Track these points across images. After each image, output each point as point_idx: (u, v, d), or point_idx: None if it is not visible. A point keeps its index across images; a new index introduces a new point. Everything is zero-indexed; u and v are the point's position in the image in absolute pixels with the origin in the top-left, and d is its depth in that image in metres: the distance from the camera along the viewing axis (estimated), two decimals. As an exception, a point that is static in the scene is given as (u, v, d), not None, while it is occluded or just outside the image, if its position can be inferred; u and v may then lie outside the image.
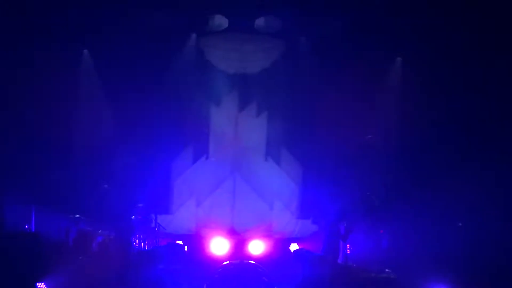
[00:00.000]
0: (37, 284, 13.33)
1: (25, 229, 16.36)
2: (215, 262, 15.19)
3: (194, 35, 19.20)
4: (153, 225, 17.34)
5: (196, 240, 18.64)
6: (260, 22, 18.98)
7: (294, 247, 17.83)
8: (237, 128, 19.64)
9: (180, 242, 17.04)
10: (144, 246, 16.55)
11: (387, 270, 15.97)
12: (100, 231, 16.23)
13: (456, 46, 17.19)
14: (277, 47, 19.52)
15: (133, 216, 15.97)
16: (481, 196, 16.57)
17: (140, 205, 17.08)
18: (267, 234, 18.87)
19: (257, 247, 18.46)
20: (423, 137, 17.93)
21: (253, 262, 13.50)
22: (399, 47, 18.08)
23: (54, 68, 17.44)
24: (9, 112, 17.07)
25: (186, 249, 16.84)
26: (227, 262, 13.41)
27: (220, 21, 19.07)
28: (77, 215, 16.75)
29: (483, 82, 17.11)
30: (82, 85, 18.85)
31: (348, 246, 14.31)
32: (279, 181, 19.54)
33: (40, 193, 16.80)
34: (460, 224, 16.89)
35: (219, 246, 18.59)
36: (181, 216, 19.43)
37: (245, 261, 13.35)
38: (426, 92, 17.76)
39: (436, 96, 17.71)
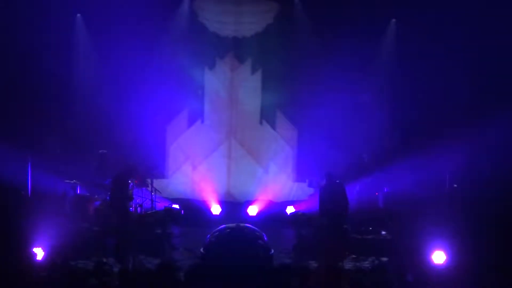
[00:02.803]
0: (34, 249, 13.39)
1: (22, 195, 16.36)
2: (211, 225, 15.24)
3: (187, -2, 19.12)
4: (149, 189, 17.36)
5: (192, 204, 18.75)
6: (254, -16, 18.92)
7: (290, 209, 17.92)
8: (232, 91, 19.61)
9: (176, 206, 17.07)
10: (141, 211, 16.57)
11: (383, 232, 16.05)
12: (96, 196, 16.23)
13: (452, 5, 17.09)
14: (271, 9, 19.38)
15: (131, 182, 15.92)
16: (476, 155, 16.65)
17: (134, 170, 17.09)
18: (263, 197, 18.97)
19: (253, 210, 18.58)
20: (416, 99, 17.92)
21: (250, 225, 13.58)
22: (394, 8, 17.96)
23: (49, 32, 17.34)
24: (6, 79, 16.99)
25: (182, 213, 16.86)
26: (224, 225, 13.49)
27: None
28: (74, 180, 16.73)
29: (479, 42, 17.05)
30: (76, 50, 18.74)
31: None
32: (274, 145, 19.59)
33: (36, 158, 16.78)
34: (455, 185, 16.93)
35: (215, 210, 18.71)
36: (177, 181, 19.52)
37: (242, 225, 13.42)
38: (420, 53, 17.74)
39: (431, 58, 17.66)
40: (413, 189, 16.92)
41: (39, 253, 12.93)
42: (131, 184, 15.20)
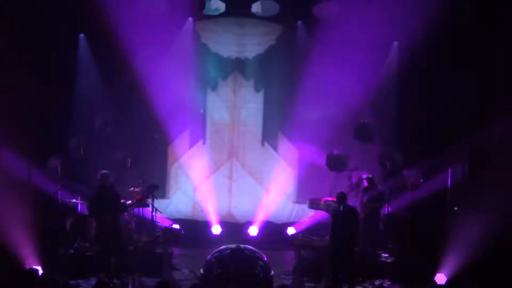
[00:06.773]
0: (34, 266, 13.40)
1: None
2: (212, 246, 15.19)
3: (190, 19, 19.13)
4: (149, 208, 17.32)
5: (193, 225, 18.70)
6: (256, 6, 18.98)
7: (291, 231, 17.86)
8: (234, 112, 19.64)
9: (177, 226, 17.02)
10: (142, 230, 16.50)
11: (383, 254, 15.97)
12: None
13: (453, 28, 17.13)
14: (273, 31, 19.49)
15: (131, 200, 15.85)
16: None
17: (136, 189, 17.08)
18: (263, 218, 18.93)
19: (253, 231, 18.53)
20: (419, 123, 17.92)
21: (250, 246, 13.54)
22: (396, 31, 17.97)
23: (52, 52, 17.36)
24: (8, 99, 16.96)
25: (183, 233, 16.80)
26: (224, 246, 13.45)
27: (217, 5, 19.07)
28: (74, 200, 16.71)
29: (480, 66, 17.02)
30: (79, 69, 18.74)
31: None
32: (275, 166, 19.54)
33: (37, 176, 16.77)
34: (456, 208, 16.85)
35: (215, 230, 18.67)
36: (178, 201, 19.51)
37: (242, 246, 13.38)
38: (423, 76, 17.76)
39: (433, 81, 17.66)
40: (413, 209, 16.97)
41: (38, 270, 12.91)
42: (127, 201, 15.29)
